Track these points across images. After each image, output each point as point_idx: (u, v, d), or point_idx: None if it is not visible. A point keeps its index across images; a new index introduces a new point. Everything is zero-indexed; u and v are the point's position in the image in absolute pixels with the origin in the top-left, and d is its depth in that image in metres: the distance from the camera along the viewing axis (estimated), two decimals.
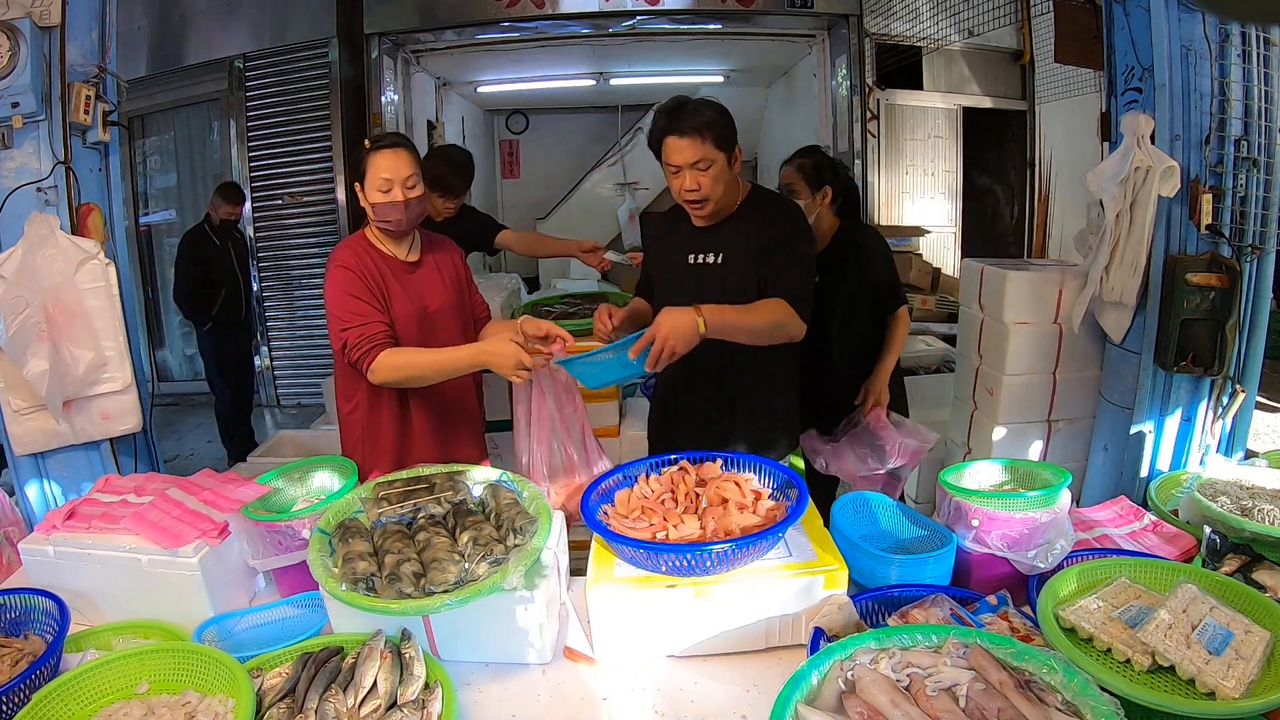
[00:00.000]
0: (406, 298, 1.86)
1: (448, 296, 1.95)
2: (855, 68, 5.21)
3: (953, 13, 5.04)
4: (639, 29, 5.24)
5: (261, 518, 1.47)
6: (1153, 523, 1.66)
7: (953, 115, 5.76)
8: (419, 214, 1.85)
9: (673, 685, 1.25)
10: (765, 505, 1.44)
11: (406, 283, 1.88)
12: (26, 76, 2.06)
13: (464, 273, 2.05)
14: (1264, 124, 2.21)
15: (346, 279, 1.78)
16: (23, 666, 1.20)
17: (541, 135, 9.21)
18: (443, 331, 1.91)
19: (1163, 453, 2.41)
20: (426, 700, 1.10)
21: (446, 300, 1.94)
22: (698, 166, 1.72)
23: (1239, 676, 1.02)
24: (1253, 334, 2.32)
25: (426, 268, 1.94)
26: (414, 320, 1.86)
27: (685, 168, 1.73)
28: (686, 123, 1.71)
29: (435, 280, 1.94)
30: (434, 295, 1.92)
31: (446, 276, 1.97)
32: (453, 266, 2.02)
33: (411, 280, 1.90)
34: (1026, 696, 0.96)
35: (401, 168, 1.78)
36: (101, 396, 2.23)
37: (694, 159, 1.71)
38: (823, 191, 2.30)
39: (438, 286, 1.94)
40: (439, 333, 1.90)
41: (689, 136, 1.70)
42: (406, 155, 1.80)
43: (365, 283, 1.79)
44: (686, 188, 1.75)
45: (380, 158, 1.78)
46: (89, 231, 2.22)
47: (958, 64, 5.63)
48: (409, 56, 5.71)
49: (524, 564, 1.20)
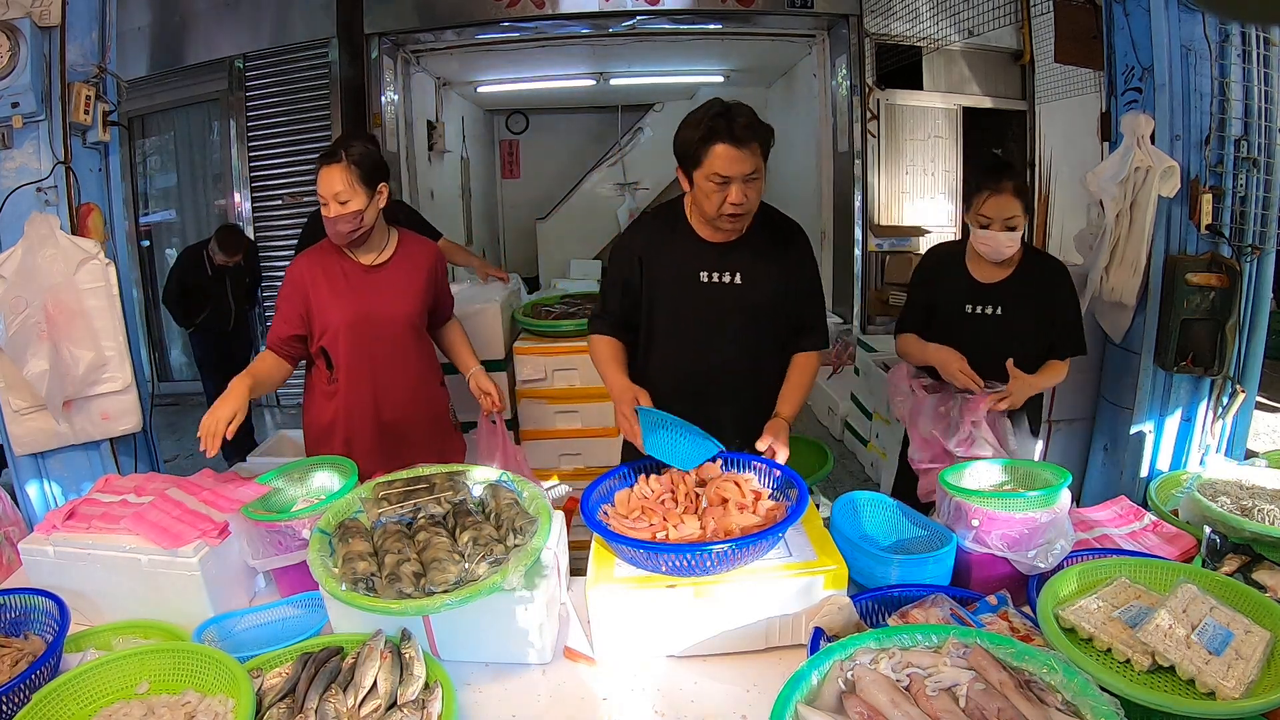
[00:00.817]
0: (347, 305, 1.91)
1: (401, 306, 1.96)
2: (855, 68, 5.21)
3: (953, 13, 5.04)
4: (639, 29, 5.24)
5: (261, 518, 1.47)
6: (1153, 523, 1.66)
7: (953, 115, 5.76)
8: (355, 228, 1.86)
9: (673, 685, 1.25)
10: (765, 505, 1.44)
11: (358, 288, 1.93)
12: (26, 76, 2.06)
13: (433, 276, 2.05)
14: (1264, 124, 2.22)
15: (286, 283, 1.94)
16: (23, 666, 1.20)
17: (541, 135, 9.22)
18: (379, 343, 1.95)
19: (1163, 453, 2.41)
20: (426, 700, 1.10)
21: (398, 310, 1.96)
22: (750, 179, 1.58)
23: (1239, 676, 1.02)
24: (1253, 334, 2.32)
25: (390, 273, 1.96)
26: (344, 329, 1.92)
27: (736, 180, 1.57)
28: (745, 131, 1.54)
29: (393, 287, 1.96)
30: (385, 303, 1.94)
31: (412, 283, 1.99)
32: (422, 271, 2.01)
33: (366, 285, 1.93)
34: (1026, 696, 0.96)
35: (332, 183, 1.80)
36: (101, 396, 2.23)
37: (749, 170, 1.57)
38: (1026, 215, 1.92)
39: (393, 294, 1.95)
40: (374, 344, 1.95)
41: (747, 147, 1.54)
42: (338, 170, 1.80)
43: (294, 292, 1.92)
44: (734, 201, 1.58)
45: (319, 172, 1.83)
46: (89, 231, 2.22)
47: (958, 64, 5.63)
48: (409, 56, 5.71)
49: (524, 564, 1.20)
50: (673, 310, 1.75)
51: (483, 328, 2.75)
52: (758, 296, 1.73)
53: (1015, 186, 1.86)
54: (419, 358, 2.05)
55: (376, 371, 1.97)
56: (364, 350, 1.95)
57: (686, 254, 1.73)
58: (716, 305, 1.73)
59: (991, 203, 1.86)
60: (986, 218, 1.88)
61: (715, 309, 1.73)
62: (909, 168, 5.73)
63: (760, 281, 1.73)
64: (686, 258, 1.73)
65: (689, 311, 1.74)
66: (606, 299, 1.85)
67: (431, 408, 2.10)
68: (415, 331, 2.02)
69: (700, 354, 1.76)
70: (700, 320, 1.73)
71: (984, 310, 1.98)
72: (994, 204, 1.86)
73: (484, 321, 2.74)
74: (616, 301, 1.81)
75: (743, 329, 1.75)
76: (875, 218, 5.56)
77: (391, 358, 1.98)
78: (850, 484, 3.89)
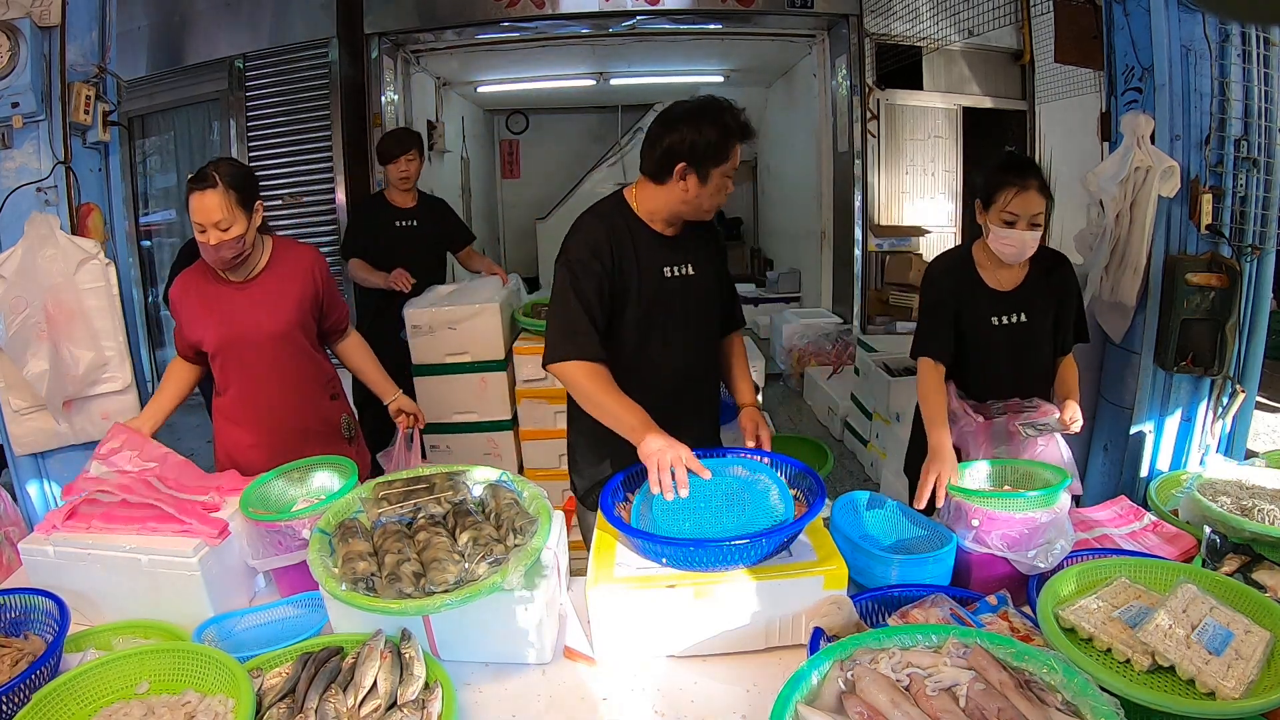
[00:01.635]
0: (215, 328, 1.87)
1: (274, 322, 1.89)
2: (855, 68, 5.20)
3: (953, 13, 5.04)
4: (639, 29, 5.23)
5: (261, 518, 1.47)
6: (1153, 523, 1.66)
7: (953, 115, 5.75)
8: (238, 253, 1.81)
9: (673, 685, 1.25)
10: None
11: (229, 307, 1.87)
12: (26, 76, 2.06)
13: (314, 289, 1.96)
14: (1264, 124, 2.21)
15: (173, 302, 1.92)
16: (23, 666, 1.20)
17: (541, 135, 9.21)
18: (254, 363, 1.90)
19: (1163, 453, 2.41)
20: (426, 700, 1.10)
21: (272, 327, 1.89)
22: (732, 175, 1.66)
23: (1239, 676, 1.02)
24: (1253, 334, 2.32)
25: (261, 290, 1.90)
26: (217, 351, 1.89)
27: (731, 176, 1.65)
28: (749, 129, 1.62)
29: (264, 305, 1.89)
30: (256, 321, 1.88)
31: (286, 299, 1.91)
32: (299, 285, 1.93)
33: (236, 304, 1.88)
34: (1026, 696, 0.96)
35: (209, 211, 1.73)
36: (101, 396, 2.24)
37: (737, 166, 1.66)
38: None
39: (264, 311, 1.89)
40: (249, 363, 1.90)
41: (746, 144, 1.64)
42: (214, 195, 1.73)
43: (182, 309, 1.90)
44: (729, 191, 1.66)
45: (192, 199, 1.74)
46: (89, 231, 2.22)
47: (958, 64, 5.63)
48: (409, 56, 5.70)
49: (524, 564, 1.20)
50: (647, 308, 1.69)
51: (483, 328, 2.75)
52: (708, 284, 1.79)
53: (1040, 184, 1.82)
54: (300, 372, 1.96)
55: (256, 390, 1.92)
56: (239, 370, 1.91)
57: (649, 251, 1.69)
58: (680, 297, 1.72)
59: (1018, 200, 1.80)
60: (1013, 214, 1.81)
61: (680, 301, 1.73)
62: (909, 168, 5.72)
63: (706, 270, 1.78)
64: (650, 254, 1.69)
65: (661, 307, 1.71)
66: (571, 315, 1.61)
67: (321, 423, 2.02)
68: (293, 346, 1.94)
69: (675, 349, 1.74)
70: (671, 314, 1.72)
71: (1010, 320, 1.92)
72: (1020, 201, 1.80)
73: (484, 321, 2.75)
74: (584, 318, 1.61)
75: (702, 319, 1.79)
76: (875, 218, 5.55)
77: (269, 376, 1.92)
78: (850, 484, 3.89)
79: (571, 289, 1.62)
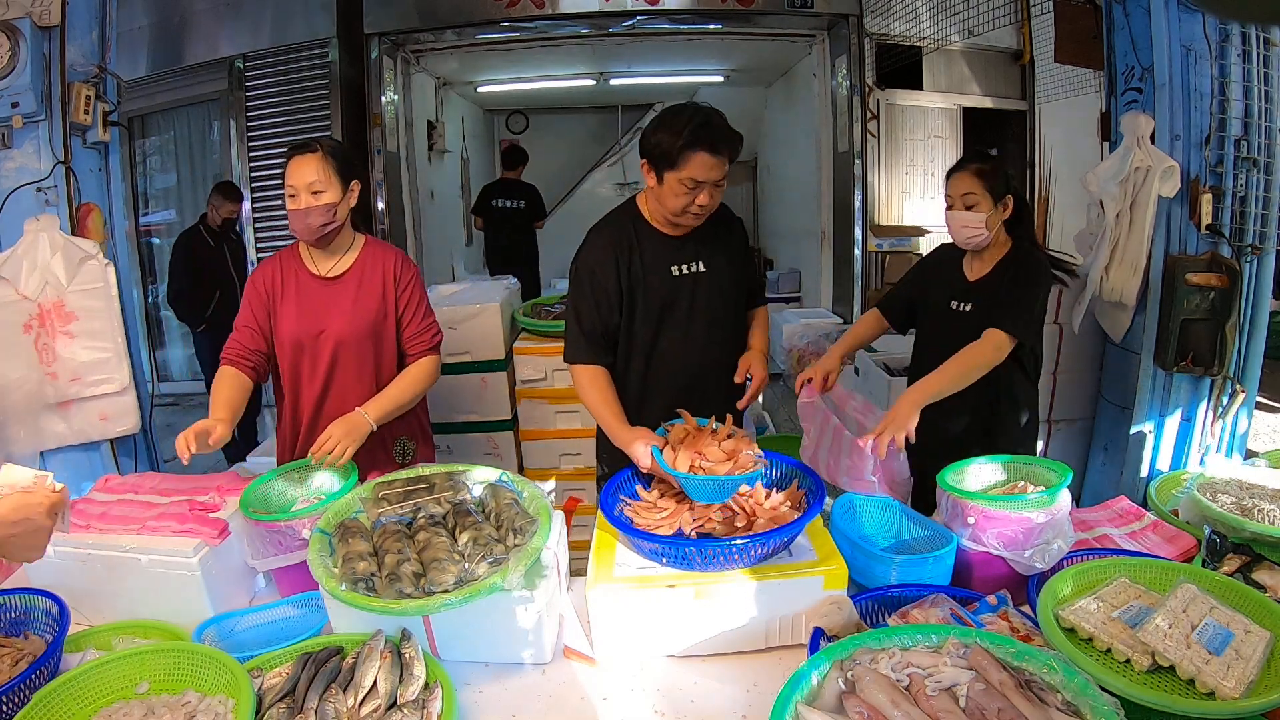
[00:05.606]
0: (295, 321, 1.79)
1: (350, 324, 1.80)
2: (855, 68, 5.20)
3: (953, 13, 5.04)
4: (639, 29, 5.23)
5: (261, 518, 1.47)
6: (1153, 523, 1.66)
7: (953, 115, 5.75)
8: (327, 221, 1.74)
9: (673, 685, 1.25)
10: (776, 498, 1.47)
11: (310, 301, 1.80)
12: (26, 76, 2.06)
13: (392, 294, 1.85)
14: (1264, 124, 2.22)
15: (246, 290, 1.83)
16: (23, 666, 1.19)
17: (541, 135, 9.20)
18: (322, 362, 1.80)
19: (1163, 453, 2.41)
20: (426, 700, 1.10)
21: (346, 328, 1.80)
22: (718, 184, 1.68)
23: (1239, 676, 1.02)
24: (1253, 334, 2.32)
25: (345, 285, 1.82)
26: (288, 347, 1.81)
27: (707, 184, 1.66)
28: (723, 142, 1.64)
29: (346, 302, 1.81)
30: (334, 320, 1.80)
31: (365, 299, 1.83)
32: (378, 286, 1.84)
33: (319, 298, 1.81)
34: (1027, 696, 0.96)
35: (305, 172, 1.70)
36: (100, 397, 2.24)
37: (719, 177, 1.67)
38: (1004, 202, 1.88)
39: (342, 310, 1.81)
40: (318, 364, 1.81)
41: (722, 155, 1.65)
42: (312, 159, 1.71)
43: (256, 297, 1.81)
44: (700, 203, 1.68)
45: (290, 164, 1.73)
46: (89, 231, 2.22)
47: (958, 64, 5.62)
48: (409, 56, 5.70)
49: (524, 564, 1.20)
50: (659, 305, 1.80)
51: (483, 328, 2.75)
52: (722, 281, 1.84)
53: (976, 168, 1.89)
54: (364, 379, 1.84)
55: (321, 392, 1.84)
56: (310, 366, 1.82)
57: (655, 251, 1.79)
58: (690, 293, 1.81)
59: (952, 181, 1.92)
60: (949, 197, 1.93)
61: (690, 297, 1.80)
62: (909, 168, 5.72)
63: (719, 265, 1.83)
64: (657, 254, 1.79)
65: (670, 305, 1.80)
66: (581, 321, 1.77)
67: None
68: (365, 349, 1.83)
69: (693, 341, 1.83)
70: (681, 311, 1.80)
71: (962, 307, 1.96)
72: (953, 182, 1.92)
73: (484, 321, 2.75)
74: (592, 321, 1.77)
75: (718, 312, 1.84)
76: (875, 218, 5.55)
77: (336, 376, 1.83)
78: None
79: (573, 301, 1.81)
